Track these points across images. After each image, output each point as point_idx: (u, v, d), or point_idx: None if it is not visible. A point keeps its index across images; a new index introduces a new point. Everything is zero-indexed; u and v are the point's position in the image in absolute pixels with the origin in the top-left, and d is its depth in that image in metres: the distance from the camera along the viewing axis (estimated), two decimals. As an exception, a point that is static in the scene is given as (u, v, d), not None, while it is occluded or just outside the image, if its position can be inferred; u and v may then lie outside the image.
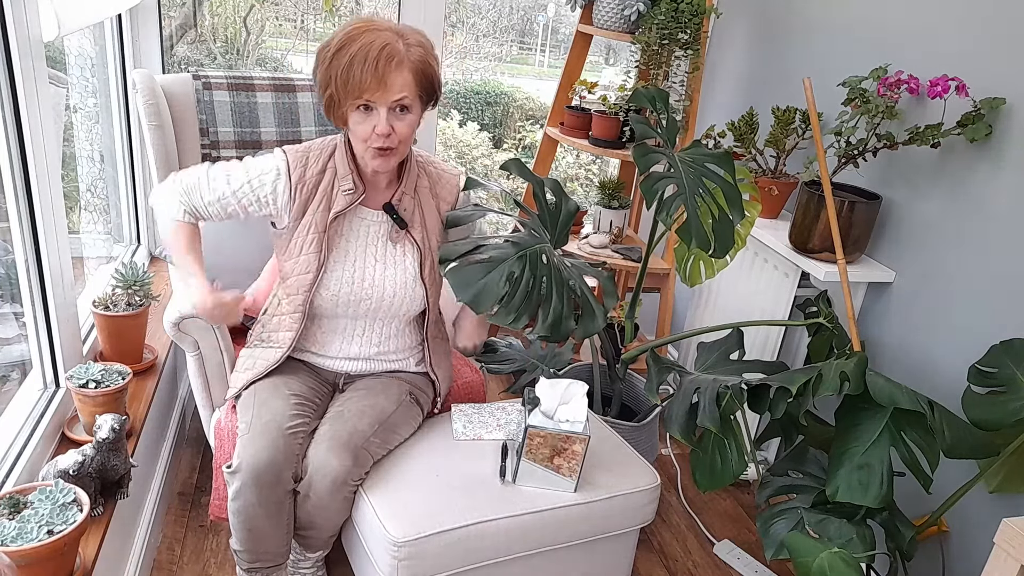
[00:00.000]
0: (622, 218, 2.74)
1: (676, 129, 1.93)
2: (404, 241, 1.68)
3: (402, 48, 1.49)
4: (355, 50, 1.46)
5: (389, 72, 1.47)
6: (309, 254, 1.61)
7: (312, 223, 1.61)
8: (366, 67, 1.46)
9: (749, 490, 2.45)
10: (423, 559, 1.49)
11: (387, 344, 1.75)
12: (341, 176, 1.61)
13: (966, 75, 1.78)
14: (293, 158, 1.61)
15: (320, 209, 1.61)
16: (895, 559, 1.66)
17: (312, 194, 1.61)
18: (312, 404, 1.67)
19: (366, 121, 1.51)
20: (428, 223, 1.69)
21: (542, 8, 4.28)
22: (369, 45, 1.46)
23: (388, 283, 1.66)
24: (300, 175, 1.60)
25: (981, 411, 1.58)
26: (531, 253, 1.63)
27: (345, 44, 1.48)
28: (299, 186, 1.60)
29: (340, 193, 1.61)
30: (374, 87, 1.47)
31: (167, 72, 2.47)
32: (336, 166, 1.62)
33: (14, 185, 1.40)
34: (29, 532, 1.13)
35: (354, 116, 1.52)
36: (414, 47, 1.51)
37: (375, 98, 1.49)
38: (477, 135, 4.17)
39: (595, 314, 1.68)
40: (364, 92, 1.48)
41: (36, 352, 1.56)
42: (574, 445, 1.56)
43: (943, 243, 1.90)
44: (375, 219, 1.67)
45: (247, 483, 1.51)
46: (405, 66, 1.49)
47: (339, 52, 1.48)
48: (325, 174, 1.62)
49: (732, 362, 1.92)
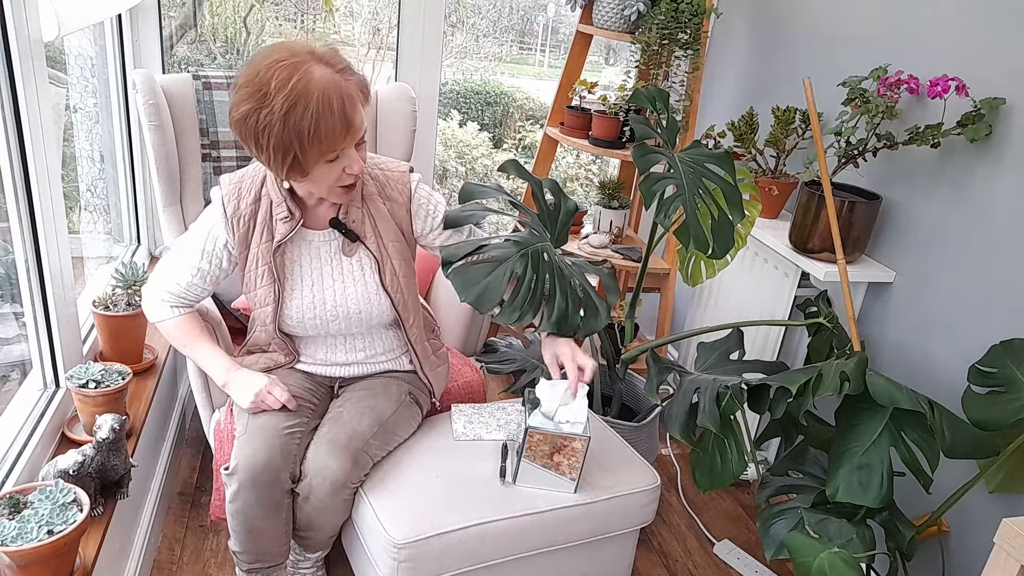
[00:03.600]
0: (622, 218, 2.74)
1: (676, 129, 1.93)
2: (358, 254, 1.63)
3: (344, 81, 1.37)
4: (314, 104, 1.32)
5: (354, 114, 1.38)
6: (264, 287, 1.58)
7: (257, 255, 1.56)
8: (335, 119, 1.35)
9: (749, 490, 2.45)
10: (423, 560, 1.49)
11: (373, 348, 1.75)
12: (276, 203, 1.54)
13: (966, 75, 1.79)
14: (228, 190, 1.55)
15: (263, 241, 1.55)
16: (895, 559, 1.66)
17: (251, 226, 1.55)
18: (310, 405, 1.67)
19: (335, 167, 1.43)
20: (381, 230, 1.61)
21: (542, 8, 4.28)
22: (325, 93, 1.33)
23: (351, 300, 1.63)
24: (235, 208, 1.54)
25: (981, 411, 1.58)
26: (533, 252, 1.63)
27: (297, 99, 1.32)
28: (235, 219, 1.54)
29: (278, 221, 1.55)
30: (343, 135, 1.38)
31: (167, 72, 2.47)
32: (268, 193, 1.55)
33: (14, 185, 1.40)
34: (29, 532, 1.13)
35: (321, 169, 1.42)
36: (346, 72, 1.39)
37: (347, 143, 1.41)
38: (477, 135, 4.17)
39: (598, 310, 1.68)
40: (337, 144, 1.38)
41: (36, 352, 1.56)
42: (574, 445, 1.56)
43: (943, 243, 1.90)
44: (324, 238, 1.60)
45: (244, 484, 1.51)
46: (357, 99, 1.39)
47: (292, 110, 1.32)
48: (260, 203, 1.55)
49: (732, 362, 1.92)
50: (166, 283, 1.61)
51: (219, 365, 1.63)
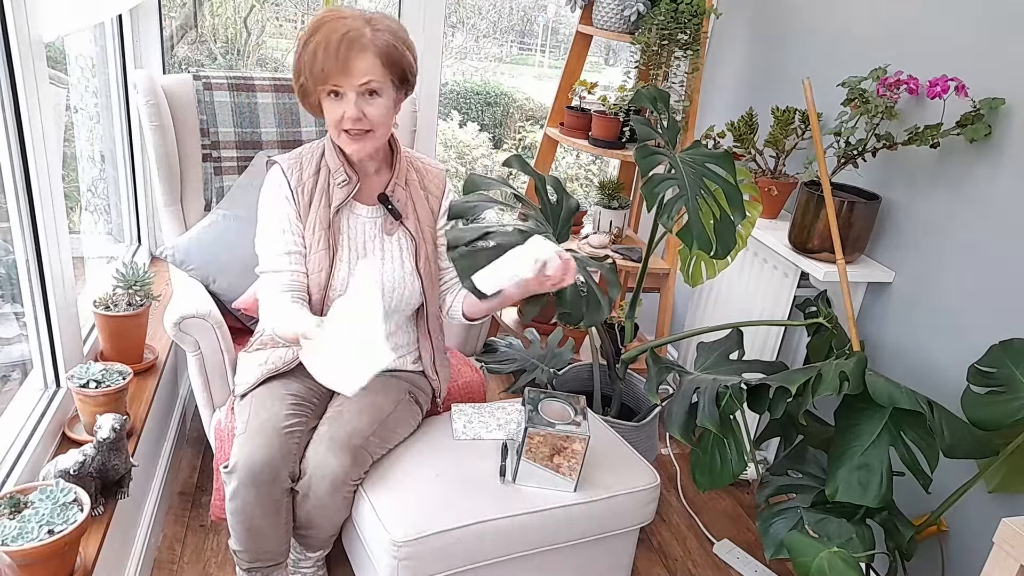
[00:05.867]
0: (622, 218, 2.74)
1: (677, 130, 1.93)
2: (398, 232, 1.70)
3: (368, 33, 1.50)
4: (319, 38, 1.49)
5: (352, 57, 1.49)
6: (319, 252, 1.63)
7: (316, 221, 1.63)
8: (328, 53, 1.48)
9: (749, 490, 2.45)
10: (423, 559, 1.49)
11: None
12: (334, 170, 1.64)
13: (966, 75, 1.79)
14: (287, 165, 1.64)
15: (321, 206, 1.63)
16: (895, 559, 1.66)
17: (312, 194, 1.63)
18: (310, 404, 1.67)
19: (337, 107, 1.54)
20: (420, 215, 1.71)
21: (542, 8, 4.28)
22: (332, 31, 1.49)
23: (386, 278, 1.67)
24: (298, 179, 1.63)
25: (981, 411, 1.58)
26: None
27: (313, 32, 1.51)
28: (299, 189, 1.63)
29: (335, 187, 1.64)
30: (337, 72, 1.49)
31: (167, 72, 2.47)
32: (327, 163, 1.65)
33: (15, 185, 1.41)
34: (30, 532, 1.13)
35: (326, 103, 1.55)
36: (381, 32, 1.52)
37: (341, 83, 1.51)
38: (477, 135, 4.17)
39: (600, 304, 1.69)
40: (329, 78, 1.50)
41: (37, 352, 1.56)
42: (574, 445, 1.57)
43: (942, 243, 1.90)
44: (370, 215, 1.69)
45: (243, 482, 1.51)
46: (369, 50, 1.50)
47: (308, 41, 1.51)
48: (320, 173, 1.65)
49: (732, 362, 1.92)
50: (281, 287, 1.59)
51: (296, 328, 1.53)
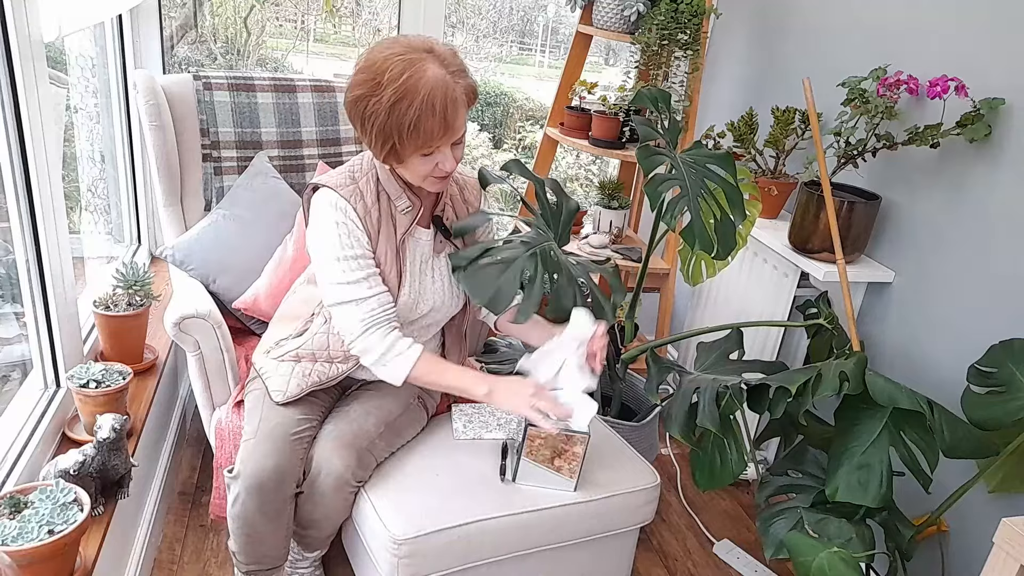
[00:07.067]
0: (622, 218, 2.74)
1: (677, 130, 1.93)
2: (445, 250, 1.67)
3: (453, 83, 1.42)
4: (419, 102, 1.38)
5: (456, 116, 1.43)
6: (391, 280, 1.57)
7: (387, 249, 1.57)
8: (435, 119, 1.40)
9: (749, 490, 2.45)
10: (423, 557, 1.49)
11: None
12: (395, 197, 1.57)
13: (966, 75, 1.79)
14: (348, 193, 1.53)
15: (389, 235, 1.57)
16: (895, 559, 1.66)
17: (379, 223, 1.56)
18: (321, 408, 1.68)
19: (430, 161, 1.47)
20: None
21: (542, 8, 4.29)
22: (431, 93, 1.38)
23: (438, 296, 1.65)
24: (364, 208, 1.54)
25: (981, 411, 1.59)
26: (541, 250, 1.64)
27: (404, 94, 1.38)
28: (366, 219, 1.54)
29: (398, 214, 1.58)
30: (441, 134, 1.43)
31: (168, 72, 2.47)
32: (385, 189, 1.58)
33: (15, 185, 1.41)
34: (30, 532, 1.13)
35: (415, 159, 1.47)
36: (458, 74, 1.44)
37: (443, 142, 1.46)
38: (477, 135, 4.17)
39: (604, 309, 1.70)
40: (434, 142, 1.44)
41: (37, 352, 1.56)
42: (575, 445, 1.57)
43: (942, 243, 1.90)
44: (427, 237, 1.64)
45: (247, 489, 1.50)
46: (461, 103, 1.44)
47: (398, 103, 1.38)
48: (380, 199, 1.57)
49: (732, 362, 1.92)
50: (375, 313, 1.53)
51: (474, 380, 1.57)
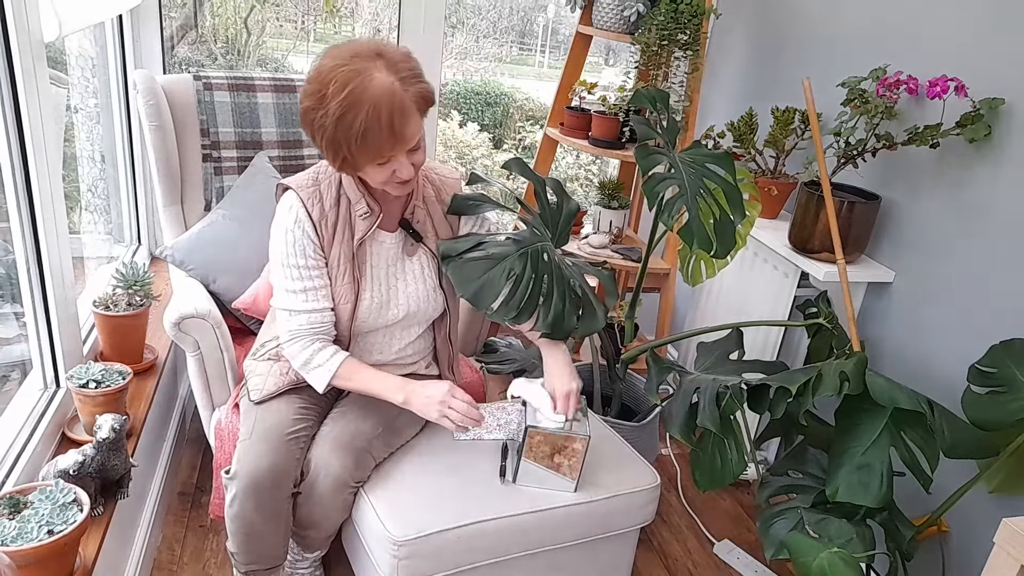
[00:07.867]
0: (622, 218, 2.74)
1: (677, 130, 1.93)
2: (418, 252, 1.66)
3: (401, 90, 1.37)
4: (363, 115, 1.35)
5: (405, 126, 1.39)
6: (344, 285, 1.58)
7: (340, 254, 1.56)
8: (383, 131, 1.36)
9: (749, 490, 2.45)
10: (423, 558, 1.49)
11: (404, 350, 1.73)
12: (354, 201, 1.56)
13: (965, 75, 1.79)
14: (306, 195, 1.54)
15: (345, 239, 1.56)
16: (895, 559, 1.66)
17: (335, 227, 1.56)
18: (318, 408, 1.67)
19: (386, 169, 1.45)
20: (440, 231, 1.67)
21: (542, 9, 4.29)
22: (376, 104, 1.35)
23: (411, 299, 1.64)
24: (320, 211, 1.54)
25: (981, 411, 1.58)
26: (532, 251, 1.63)
27: (348, 107, 1.35)
28: (321, 222, 1.54)
29: (357, 218, 1.57)
30: (391, 144, 1.40)
31: (168, 73, 2.47)
32: (346, 193, 1.57)
33: (15, 185, 1.41)
34: (29, 532, 1.13)
35: (371, 168, 1.45)
36: (409, 80, 1.40)
37: (396, 153, 1.42)
38: (477, 135, 4.17)
39: (596, 313, 1.68)
40: (384, 152, 1.40)
41: (36, 352, 1.56)
42: (575, 445, 1.57)
43: (943, 243, 1.90)
44: (393, 240, 1.63)
45: (244, 489, 1.50)
46: (411, 110, 1.39)
47: (343, 117, 1.35)
48: (340, 203, 1.56)
49: (732, 362, 1.92)
50: (302, 328, 1.55)
51: (391, 385, 1.58)
